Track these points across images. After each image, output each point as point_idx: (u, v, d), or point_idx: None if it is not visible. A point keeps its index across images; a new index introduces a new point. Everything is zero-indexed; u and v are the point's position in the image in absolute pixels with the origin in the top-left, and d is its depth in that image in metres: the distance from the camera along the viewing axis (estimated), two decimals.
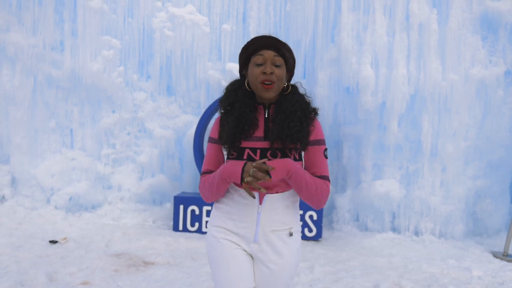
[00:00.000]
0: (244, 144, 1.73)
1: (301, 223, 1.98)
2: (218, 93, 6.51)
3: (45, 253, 4.63)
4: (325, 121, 6.20)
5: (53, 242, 4.98)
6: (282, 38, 6.68)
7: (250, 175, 1.61)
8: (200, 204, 5.66)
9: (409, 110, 5.70)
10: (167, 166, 6.59)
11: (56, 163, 6.36)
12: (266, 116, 1.77)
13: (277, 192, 1.76)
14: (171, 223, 5.93)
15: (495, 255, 5.07)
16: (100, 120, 6.52)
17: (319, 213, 5.46)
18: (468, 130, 5.66)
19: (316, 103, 6.17)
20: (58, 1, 6.36)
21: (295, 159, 1.73)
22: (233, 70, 6.35)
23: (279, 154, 1.72)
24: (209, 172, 1.84)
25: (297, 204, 1.87)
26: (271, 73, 1.69)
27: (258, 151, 1.72)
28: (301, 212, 5.44)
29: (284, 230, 1.79)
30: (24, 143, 6.35)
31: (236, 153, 1.73)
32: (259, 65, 1.71)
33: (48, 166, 6.33)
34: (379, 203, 5.76)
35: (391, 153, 5.77)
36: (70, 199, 6.30)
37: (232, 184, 1.77)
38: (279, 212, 1.77)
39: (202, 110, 6.50)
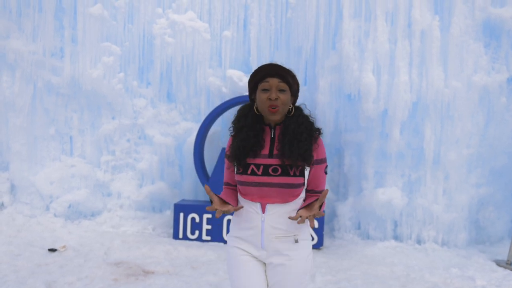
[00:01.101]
0: (250, 160, 1.95)
1: (310, 230, 2.13)
2: (218, 100, 6.48)
3: (44, 261, 4.60)
4: (326, 128, 6.16)
5: (52, 250, 4.94)
6: (283, 45, 6.70)
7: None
8: (201, 212, 5.62)
9: (411, 118, 5.66)
10: (167, 173, 6.55)
11: (55, 170, 6.32)
12: (272, 136, 1.98)
13: (277, 203, 1.93)
14: (171, 230, 5.89)
15: (499, 263, 5.02)
16: (99, 127, 6.49)
17: (321, 221, 5.42)
18: (471, 137, 5.62)
19: (317, 110, 6.15)
20: (58, 7, 6.35)
21: (295, 175, 1.91)
22: (233, 77, 6.32)
23: (280, 170, 1.91)
24: (228, 184, 2.09)
25: None
26: (276, 98, 1.89)
27: (261, 167, 1.93)
28: None
29: (288, 237, 1.94)
30: (23, 150, 6.32)
31: (242, 168, 1.95)
32: (265, 90, 1.92)
33: (47, 173, 6.29)
34: (381, 211, 5.72)
35: (393, 160, 5.73)
36: (70, 206, 6.26)
37: (241, 197, 1.99)
38: (281, 220, 1.92)
39: (203, 117, 6.47)
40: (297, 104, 2.07)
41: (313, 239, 5.41)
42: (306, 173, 1.95)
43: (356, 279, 4.35)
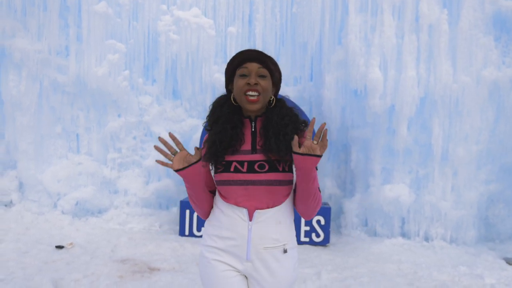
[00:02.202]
0: (230, 158, 1.71)
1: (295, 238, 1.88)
2: None
3: (51, 259, 4.63)
4: (332, 125, 6.11)
5: (59, 247, 4.97)
6: (288, 40, 6.63)
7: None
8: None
9: (419, 113, 5.59)
10: (173, 170, 6.54)
11: (62, 168, 6.36)
12: (253, 129, 1.76)
13: (268, 208, 1.70)
14: (177, 227, 5.89)
15: (509, 261, 4.94)
16: (106, 124, 6.51)
17: (327, 217, 5.38)
18: (480, 133, 5.53)
19: (323, 106, 6.10)
20: (63, 6, 6.37)
21: (284, 171, 1.69)
22: None
23: (267, 166, 1.69)
24: None
25: (291, 219, 1.81)
26: (256, 84, 1.69)
27: (246, 163, 1.70)
28: None
29: (277, 247, 1.73)
30: (30, 148, 6.37)
31: (223, 166, 1.71)
32: (243, 76, 1.71)
33: (54, 171, 6.33)
34: (388, 208, 5.66)
35: (401, 157, 5.66)
36: (77, 204, 6.30)
37: (223, 201, 1.75)
38: (270, 228, 1.71)
39: None
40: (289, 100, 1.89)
41: (319, 235, 5.38)
42: (294, 169, 1.73)
43: (363, 276, 4.31)
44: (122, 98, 6.41)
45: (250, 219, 1.70)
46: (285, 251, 1.74)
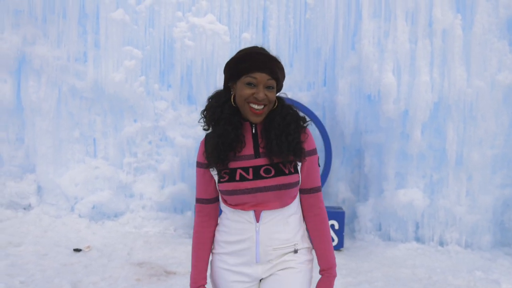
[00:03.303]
0: (234, 164, 1.65)
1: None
2: None
3: (69, 261, 4.73)
4: (346, 129, 6.14)
5: (77, 250, 5.07)
6: (302, 46, 6.67)
7: None
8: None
9: (433, 118, 5.59)
10: (188, 175, 6.62)
11: (80, 172, 6.48)
12: (254, 132, 1.70)
13: (274, 208, 1.67)
14: (192, 231, 5.95)
15: None
16: (122, 129, 6.61)
17: (341, 222, 5.40)
18: (495, 138, 5.51)
19: (337, 111, 6.13)
20: (82, 13, 6.50)
21: (290, 173, 1.65)
22: None
23: (273, 171, 1.64)
24: (203, 201, 1.78)
25: (300, 220, 1.77)
26: (264, 98, 1.62)
27: (251, 170, 1.64)
28: None
29: (287, 247, 1.69)
30: (49, 152, 6.50)
31: (228, 175, 1.65)
32: (250, 84, 1.63)
33: (72, 175, 6.45)
34: (402, 212, 5.66)
35: (414, 161, 5.66)
36: (93, 207, 6.40)
37: (228, 207, 1.71)
38: (278, 228, 1.67)
39: None
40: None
41: (333, 240, 5.40)
42: (299, 169, 1.69)
43: (377, 281, 4.32)
44: (138, 103, 6.52)
45: (257, 221, 1.66)
46: (295, 251, 1.70)
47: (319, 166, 1.76)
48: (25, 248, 5.05)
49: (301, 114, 1.75)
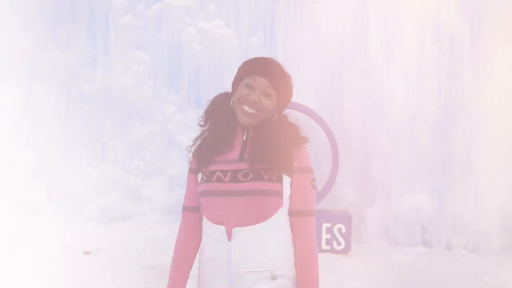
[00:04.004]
0: (215, 167, 1.56)
1: (292, 263, 1.56)
2: None
3: (78, 264, 4.75)
4: (353, 134, 6.15)
5: (86, 253, 5.11)
6: (309, 50, 6.69)
7: None
8: None
9: (440, 123, 5.60)
10: None
11: (88, 176, 6.53)
12: (244, 138, 1.59)
13: (249, 224, 1.48)
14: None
15: None
16: (130, 133, 6.66)
17: (348, 226, 5.41)
18: (502, 142, 5.51)
19: (344, 115, 6.15)
20: (91, 18, 6.56)
21: (270, 180, 1.50)
22: None
23: (251, 175, 1.50)
24: (190, 208, 1.67)
25: (284, 245, 1.55)
26: (255, 102, 1.54)
27: (229, 173, 1.52)
28: (329, 224, 5.40)
29: (263, 271, 1.49)
30: (58, 156, 6.55)
31: (206, 177, 1.56)
32: (248, 86, 1.56)
33: (81, 178, 6.50)
34: (410, 217, 5.67)
35: (422, 166, 5.67)
36: (102, 210, 6.44)
37: (205, 218, 1.60)
38: (253, 249, 1.48)
39: None
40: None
41: (340, 244, 5.41)
42: (286, 184, 1.52)
43: (384, 285, 4.33)
44: (146, 107, 6.57)
45: (229, 239, 1.49)
46: (273, 278, 1.49)
47: (314, 188, 1.58)
48: (34, 251, 5.08)
49: (303, 135, 1.62)
